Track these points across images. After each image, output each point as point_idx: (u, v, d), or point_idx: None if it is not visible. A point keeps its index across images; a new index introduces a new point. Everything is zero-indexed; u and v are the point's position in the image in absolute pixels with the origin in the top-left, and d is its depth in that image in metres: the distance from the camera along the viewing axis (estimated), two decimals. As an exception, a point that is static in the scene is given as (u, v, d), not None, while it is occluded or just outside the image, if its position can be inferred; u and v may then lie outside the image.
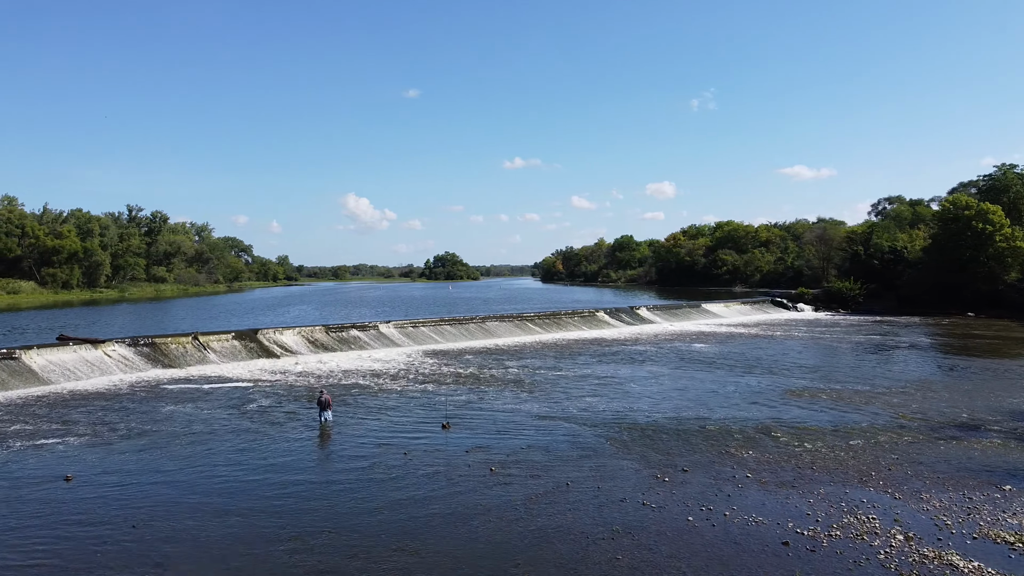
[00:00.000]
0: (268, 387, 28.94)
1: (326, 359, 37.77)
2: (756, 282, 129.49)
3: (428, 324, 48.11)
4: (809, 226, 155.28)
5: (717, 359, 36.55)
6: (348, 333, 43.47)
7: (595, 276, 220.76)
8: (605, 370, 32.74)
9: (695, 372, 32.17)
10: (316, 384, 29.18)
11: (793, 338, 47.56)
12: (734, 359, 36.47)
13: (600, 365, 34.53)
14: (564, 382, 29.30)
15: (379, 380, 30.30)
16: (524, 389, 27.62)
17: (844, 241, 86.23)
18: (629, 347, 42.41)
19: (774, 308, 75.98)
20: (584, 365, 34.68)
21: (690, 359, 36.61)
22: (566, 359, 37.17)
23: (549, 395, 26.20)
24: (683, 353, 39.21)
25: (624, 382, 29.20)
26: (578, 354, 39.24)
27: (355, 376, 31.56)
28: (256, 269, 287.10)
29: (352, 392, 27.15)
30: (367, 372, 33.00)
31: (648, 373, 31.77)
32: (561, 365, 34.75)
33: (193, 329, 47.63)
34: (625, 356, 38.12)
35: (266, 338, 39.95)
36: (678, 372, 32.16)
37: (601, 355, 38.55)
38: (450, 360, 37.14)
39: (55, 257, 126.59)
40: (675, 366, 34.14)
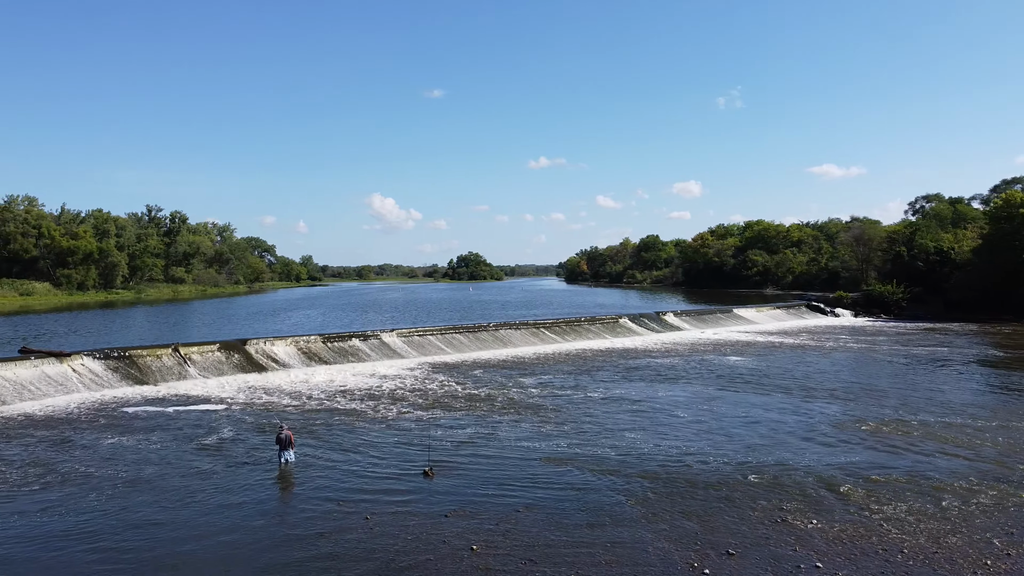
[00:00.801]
0: (243, 410, 25.32)
1: (319, 374, 34.12)
2: (788, 284, 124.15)
3: (436, 332, 44.31)
4: (843, 225, 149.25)
5: (756, 376, 32.26)
6: (347, 343, 39.82)
7: (620, 277, 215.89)
8: (627, 391, 28.62)
9: (732, 394, 27.95)
10: (297, 408, 25.50)
11: (838, 349, 42.98)
12: (775, 376, 32.16)
13: (621, 384, 30.40)
14: (579, 407, 25.25)
15: (369, 402, 26.49)
16: (532, 416, 23.66)
17: (885, 241, 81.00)
18: (656, 360, 38.22)
19: (810, 313, 71.19)
20: (604, 383, 30.60)
21: (725, 376, 32.35)
22: (584, 375, 33.11)
23: (560, 426, 22.19)
24: (716, 368, 34.95)
25: (649, 408, 25.04)
26: (598, 369, 35.16)
27: (343, 397, 27.78)
28: (279, 269, 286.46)
29: (333, 420, 23.36)
30: (360, 391, 29.24)
31: (677, 395, 27.57)
32: (578, 383, 30.70)
33: (185, 336, 44.53)
34: (651, 372, 33.96)
35: (255, 349, 36.41)
36: (712, 394, 27.94)
37: (624, 371, 34.42)
38: (456, 375, 33.29)
39: (70, 258, 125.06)
40: (708, 385, 29.91)
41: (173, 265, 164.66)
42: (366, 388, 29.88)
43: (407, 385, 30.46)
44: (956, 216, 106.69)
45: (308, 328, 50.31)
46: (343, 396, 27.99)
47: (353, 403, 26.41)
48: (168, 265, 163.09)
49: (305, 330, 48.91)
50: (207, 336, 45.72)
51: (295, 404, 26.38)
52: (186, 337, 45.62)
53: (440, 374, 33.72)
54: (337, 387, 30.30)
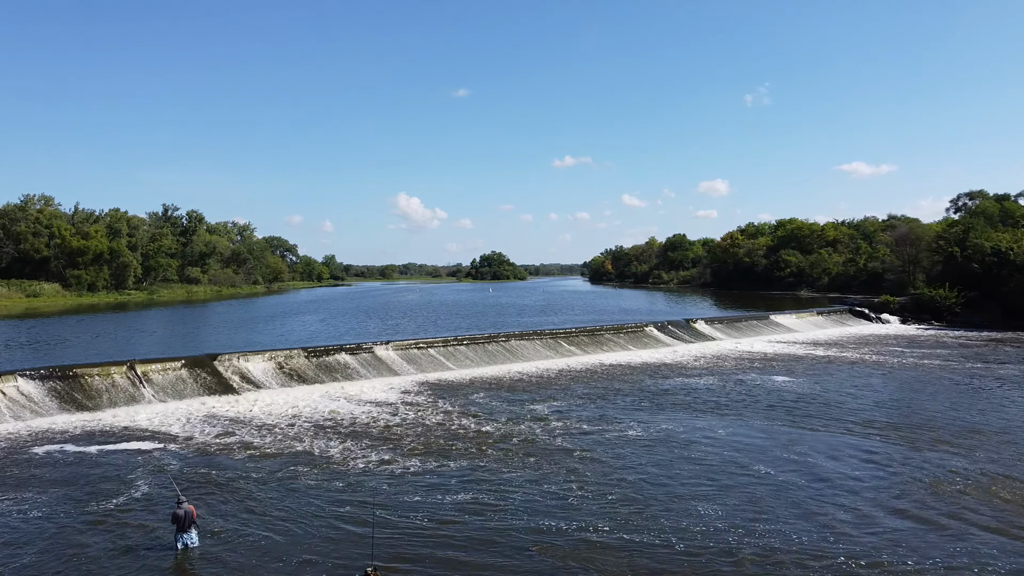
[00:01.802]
0: (184, 451, 20.62)
1: (295, 397, 29.38)
2: (824, 286, 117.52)
3: (438, 344, 39.39)
4: (880, 224, 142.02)
5: (809, 403, 26.87)
6: (334, 358, 35.07)
7: (646, 277, 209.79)
8: (669, 426, 23.31)
9: (784, 430, 22.64)
10: (245, 449, 20.69)
11: (903, 366, 37.21)
12: (833, 404, 26.75)
13: (658, 415, 25.13)
14: (613, 453, 19.82)
15: (337, 442, 21.58)
16: (551, 469, 18.44)
17: (935, 241, 74.61)
18: (691, 380, 32.89)
19: (854, 319, 65.26)
20: (637, 413, 25.40)
21: (771, 403, 26.98)
22: (610, 401, 27.93)
23: (594, 489, 16.68)
24: (759, 391, 29.58)
25: (710, 456, 19.48)
26: (626, 392, 29.91)
27: (309, 434, 22.91)
28: (300, 269, 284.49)
29: (277, 474, 18.45)
30: (333, 423, 24.39)
31: (738, 435, 22.05)
32: (605, 412, 25.51)
33: (169, 345, 39.95)
34: (689, 396, 28.65)
35: (226, 367, 31.77)
36: (757, 431, 22.62)
37: (656, 395, 29.12)
38: (453, 399, 28.33)
39: (80, 258, 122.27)
40: (751, 417, 24.59)
41: (189, 265, 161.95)
42: (341, 419, 25.02)
43: (392, 415, 25.48)
44: (1003, 213, 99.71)
45: (302, 336, 45.75)
46: (309, 431, 23.13)
47: (318, 442, 21.55)
48: (184, 265, 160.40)
49: (297, 338, 44.30)
50: (189, 345, 41.28)
51: (249, 443, 21.60)
52: (170, 346, 41.26)
53: (436, 397, 28.77)
54: (307, 416, 25.47)
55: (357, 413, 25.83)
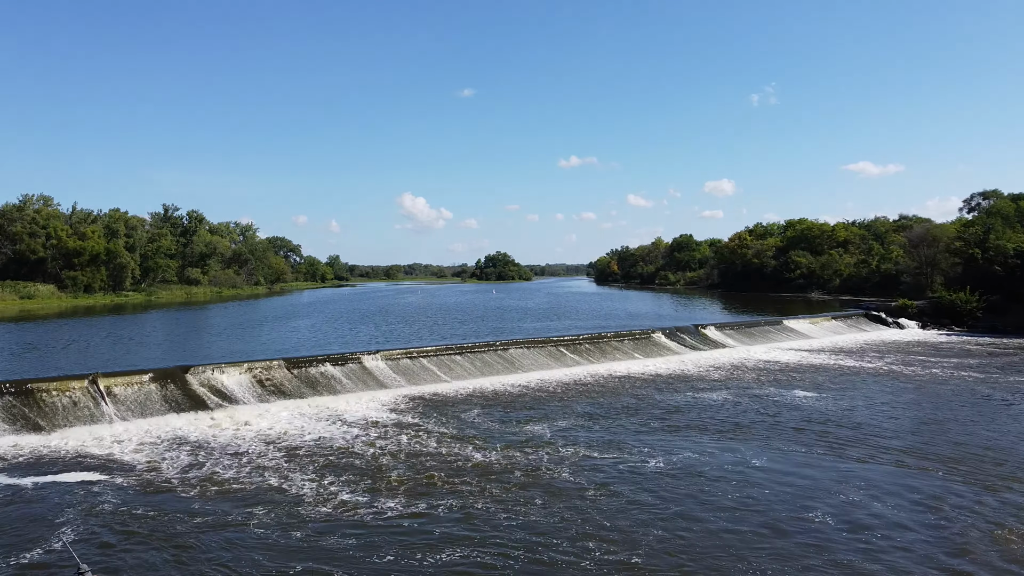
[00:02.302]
0: (130, 484, 18.14)
1: (272, 415, 26.90)
2: (835, 288, 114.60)
3: (431, 354, 36.84)
4: (891, 224, 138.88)
5: (840, 425, 24.17)
6: (318, 370, 32.54)
7: (652, 278, 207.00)
8: (670, 455, 20.65)
9: (823, 463, 19.89)
10: (194, 486, 18.17)
11: (930, 378, 34.47)
12: (868, 425, 24.02)
13: (675, 439, 22.47)
14: (632, 496, 16.96)
15: (301, 475, 19.04)
16: (537, 511, 15.88)
17: (953, 242, 71.73)
18: (704, 394, 30.22)
19: (871, 324, 62.52)
20: (650, 437, 22.75)
21: (798, 424, 24.28)
22: (618, 420, 25.29)
23: (577, 539, 14.16)
24: (781, 409, 26.89)
25: (711, 499, 16.71)
26: (634, 408, 27.27)
27: (278, 464, 20.36)
28: (304, 270, 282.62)
29: (227, 520, 15.95)
30: (304, 448, 21.88)
31: (746, 467, 19.33)
32: (614, 436, 22.84)
33: (146, 352, 37.29)
34: (705, 414, 25.98)
35: (199, 380, 29.30)
36: (792, 463, 19.83)
37: (669, 412, 26.45)
38: (445, 417, 25.78)
39: (76, 259, 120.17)
40: (780, 443, 21.88)
41: (189, 266, 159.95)
42: (319, 444, 22.49)
43: (376, 439, 22.90)
44: (1020, 213, 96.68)
45: (289, 342, 43.21)
46: (280, 459, 20.60)
47: (288, 474, 19.00)
48: (184, 266, 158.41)
49: (283, 345, 41.79)
50: (168, 354, 38.79)
51: (210, 474, 19.11)
52: (147, 354, 38.80)
53: (427, 416, 26.21)
54: (281, 440, 22.96)
55: (337, 436, 23.30)
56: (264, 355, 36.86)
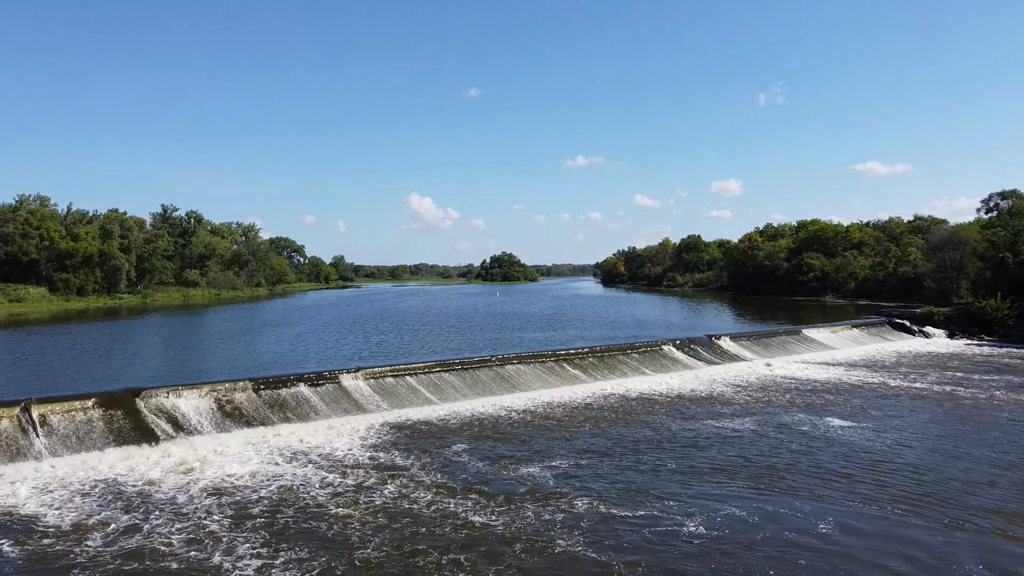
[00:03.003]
0: (23, 559, 14.72)
1: (231, 450, 23.45)
2: (851, 291, 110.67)
3: (419, 371, 33.30)
4: (906, 225, 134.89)
5: (896, 468, 20.31)
6: (290, 391, 29.06)
7: (659, 280, 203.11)
8: (705, 511, 16.73)
9: (900, 528, 16.00)
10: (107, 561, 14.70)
11: (985, 402, 30.52)
12: (930, 470, 20.11)
13: (686, 487, 18.80)
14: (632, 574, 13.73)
15: (250, 548, 15.55)
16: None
17: (981, 245, 67.80)
18: (720, 423, 26.54)
19: (894, 333, 58.71)
20: (657, 482, 19.13)
21: (845, 468, 20.38)
22: (621, 457, 21.70)
23: None
24: (819, 445, 23.13)
25: None
26: (641, 444, 23.60)
27: (222, 529, 16.87)
28: (307, 270, 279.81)
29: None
30: (260, 505, 18.39)
31: (798, 534, 15.50)
32: (630, 480, 19.21)
33: (117, 363, 33.73)
34: (720, 450, 22.32)
35: (151, 406, 25.84)
36: (859, 530, 15.90)
37: (681, 448, 22.78)
38: (430, 454, 22.26)
39: (69, 261, 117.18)
40: (833, 496, 17.88)
41: (187, 267, 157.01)
42: (277, 495, 18.98)
43: (345, 488, 19.28)
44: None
45: (267, 355, 39.70)
46: (227, 519, 17.09)
47: (231, 544, 15.51)
48: (182, 267, 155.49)
49: (258, 360, 38.29)
50: (128, 370, 35.32)
51: (132, 546, 15.66)
52: (106, 371, 35.40)
53: (408, 451, 22.65)
54: (235, 489, 19.47)
55: (302, 483, 19.71)
56: (236, 371, 33.46)
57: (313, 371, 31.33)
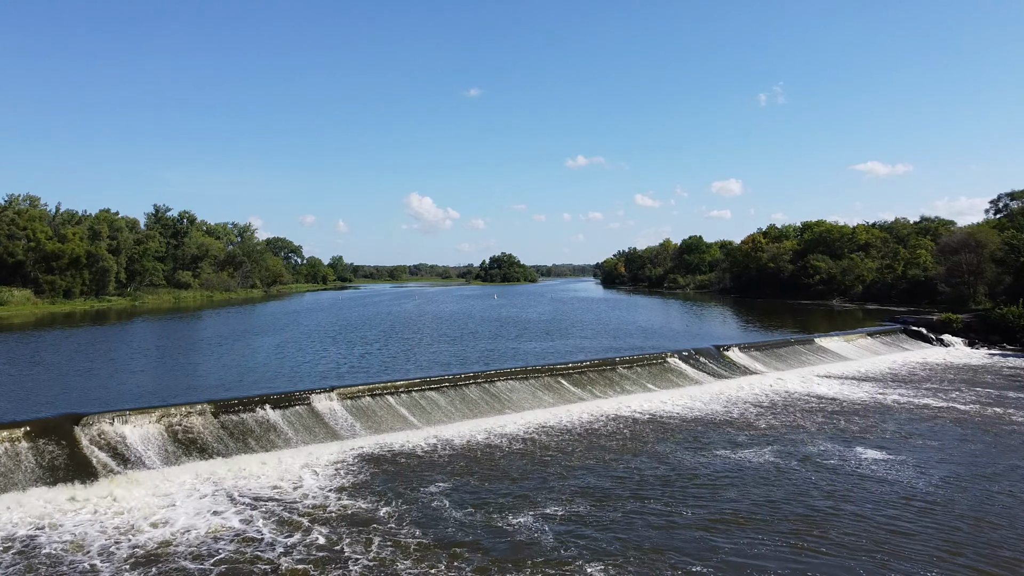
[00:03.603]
0: None
1: (176, 490, 20.45)
2: (858, 295, 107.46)
3: (400, 390, 30.22)
4: (912, 226, 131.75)
5: (955, 521, 17.33)
6: (254, 415, 26.00)
7: (660, 281, 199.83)
8: None
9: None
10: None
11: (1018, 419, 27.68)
12: (1008, 520, 17.25)
13: (701, 545, 15.80)
14: None
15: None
16: None
17: (1000, 249, 64.69)
18: (736, 454, 23.41)
19: (911, 342, 55.59)
20: (667, 541, 16.07)
21: (889, 521, 17.16)
22: (625, 502, 18.65)
23: None
24: (852, 485, 20.02)
25: None
26: (648, 483, 20.56)
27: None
28: (305, 271, 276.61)
29: None
30: (199, 566, 15.33)
31: None
32: (623, 540, 16.24)
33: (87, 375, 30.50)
34: (740, 492, 19.19)
35: (92, 435, 22.80)
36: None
37: (694, 490, 19.67)
38: (405, 498, 19.22)
39: (55, 262, 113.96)
40: (884, 559, 15.02)
41: (180, 269, 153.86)
42: (221, 551, 15.92)
43: (300, 550, 16.17)
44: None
45: (234, 371, 36.42)
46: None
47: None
48: (175, 269, 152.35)
49: (224, 377, 35.05)
50: (78, 388, 32.13)
51: None
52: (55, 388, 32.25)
53: (380, 496, 19.55)
54: (172, 543, 16.40)
55: (251, 543, 16.58)
56: (197, 390, 30.32)
57: (282, 391, 28.21)
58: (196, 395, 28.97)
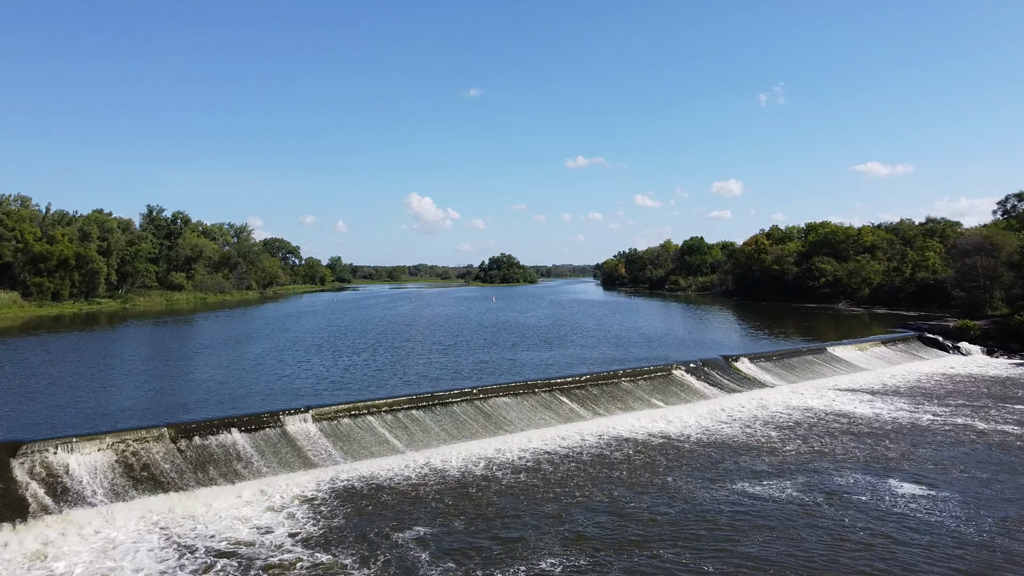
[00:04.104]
0: None
1: (115, 529, 17.92)
2: (865, 298, 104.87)
3: (382, 409, 27.62)
4: (918, 228, 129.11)
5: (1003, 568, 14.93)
6: (218, 438, 23.43)
7: (661, 283, 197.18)
8: None
9: None
10: None
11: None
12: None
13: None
14: None
15: None
16: None
17: (1017, 252, 62.06)
18: (756, 488, 20.83)
19: (927, 350, 53.07)
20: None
21: None
22: (631, 552, 16.10)
23: None
24: (883, 524, 17.48)
25: None
26: (660, 525, 18.02)
27: None
28: (303, 272, 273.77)
29: None
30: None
31: None
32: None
33: None
34: (764, 537, 16.67)
35: (32, 465, 20.26)
36: None
37: (708, 539, 17.16)
38: (374, 546, 16.71)
39: (43, 264, 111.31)
40: None
41: (174, 270, 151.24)
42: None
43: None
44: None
45: (205, 388, 33.47)
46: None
47: None
48: (168, 270, 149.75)
49: (192, 395, 32.30)
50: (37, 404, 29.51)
51: None
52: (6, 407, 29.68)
53: (350, 547, 16.98)
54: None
55: None
56: (162, 409, 27.65)
57: (252, 412, 25.62)
58: (157, 416, 26.32)
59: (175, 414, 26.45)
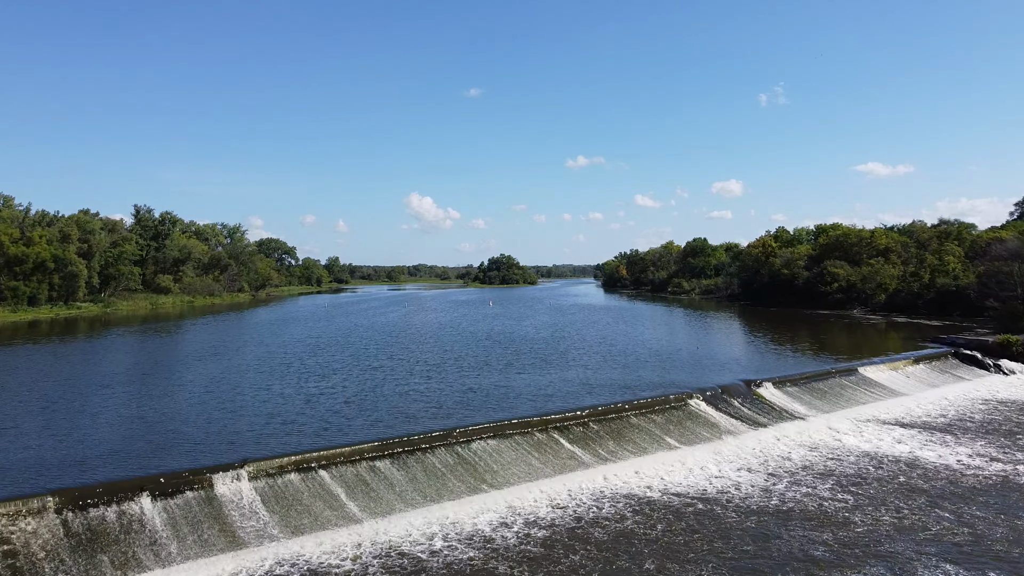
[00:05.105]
0: None
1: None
2: (881, 305, 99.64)
3: (339, 460, 22.52)
4: (931, 230, 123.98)
5: None
6: (120, 509, 18.35)
7: (664, 285, 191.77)
8: None
9: None
10: None
11: None
12: None
13: None
14: None
15: None
16: None
17: (1058, 259, 56.84)
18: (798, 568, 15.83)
19: (965, 367, 47.98)
20: None
21: None
22: None
23: None
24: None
25: None
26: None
27: None
28: (299, 273, 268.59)
29: None
30: None
31: None
32: None
33: None
34: None
35: None
36: None
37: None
38: None
39: (19, 267, 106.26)
40: None
41: (161, 272, 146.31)
42: None
43: None
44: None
45: (129, 427, 27.84)
46: None
47: None
48: (156, 273, 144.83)
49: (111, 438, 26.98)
50: None
51: None
52: None
53: None
54: None
55: None
56: (55, 466, 22.30)
57: (172, 469, 20.48)
58: (48, 474, 21.13)
59: (71, 473, 21.21)
